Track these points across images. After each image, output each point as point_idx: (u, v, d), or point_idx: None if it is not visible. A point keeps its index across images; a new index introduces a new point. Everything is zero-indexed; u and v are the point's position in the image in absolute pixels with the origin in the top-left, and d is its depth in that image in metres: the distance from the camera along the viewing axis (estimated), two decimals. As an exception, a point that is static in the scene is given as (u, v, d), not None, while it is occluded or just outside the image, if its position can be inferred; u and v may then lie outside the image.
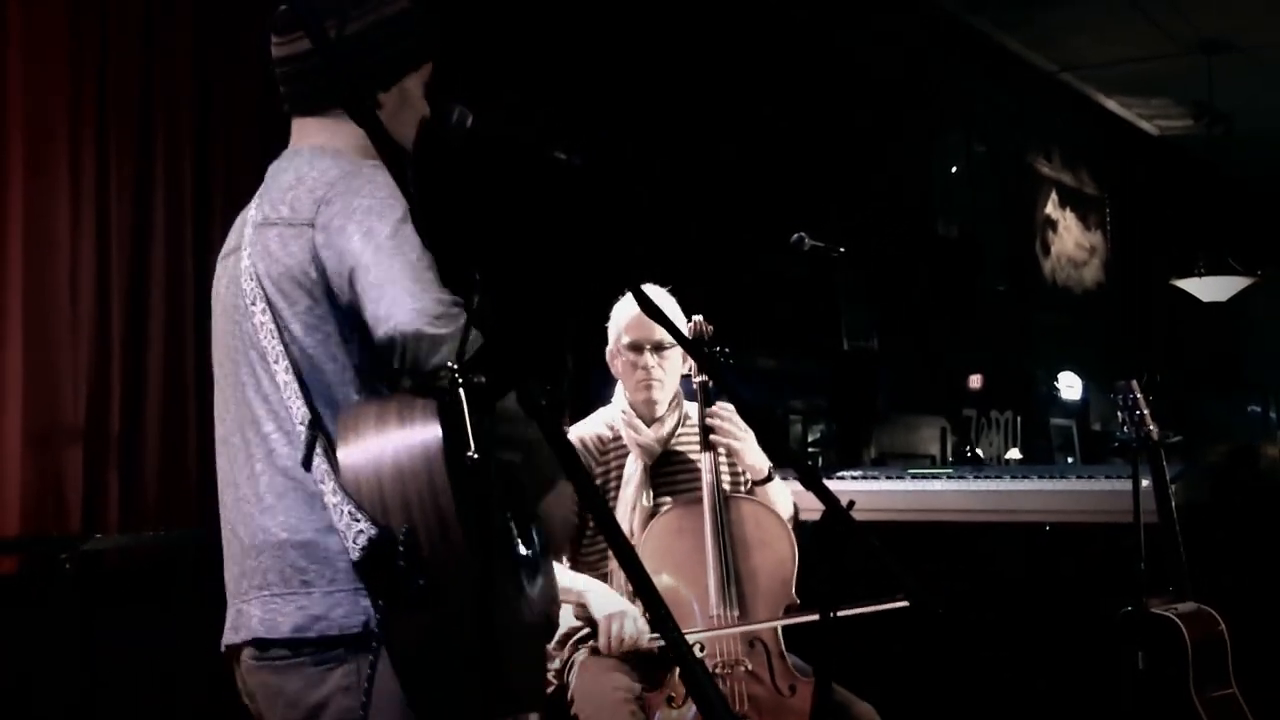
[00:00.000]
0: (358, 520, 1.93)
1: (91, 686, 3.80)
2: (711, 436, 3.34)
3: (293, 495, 2.05)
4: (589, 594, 3.25)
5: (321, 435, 2.03)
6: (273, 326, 2.08)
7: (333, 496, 1.97)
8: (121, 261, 4.09)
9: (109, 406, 4.03)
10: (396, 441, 1.94)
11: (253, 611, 2.08)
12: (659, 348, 3.38)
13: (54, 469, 3.87)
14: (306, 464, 2.02)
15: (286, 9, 2.22)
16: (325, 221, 2.04)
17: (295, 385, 2.06)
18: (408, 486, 1.91)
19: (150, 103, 4.20)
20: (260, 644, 2.07)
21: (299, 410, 2.05)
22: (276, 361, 2.07)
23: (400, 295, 1.95)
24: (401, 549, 1.88)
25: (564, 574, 3.28)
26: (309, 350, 2.08)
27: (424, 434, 1.92)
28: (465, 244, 1.81)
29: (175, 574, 3.89)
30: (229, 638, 2.13)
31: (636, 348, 3.39)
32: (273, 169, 2.22)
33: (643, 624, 3.17)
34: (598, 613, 3.20)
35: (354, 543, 1.92)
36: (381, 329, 1.96)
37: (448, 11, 2.40)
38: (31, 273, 3.83)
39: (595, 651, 3.28)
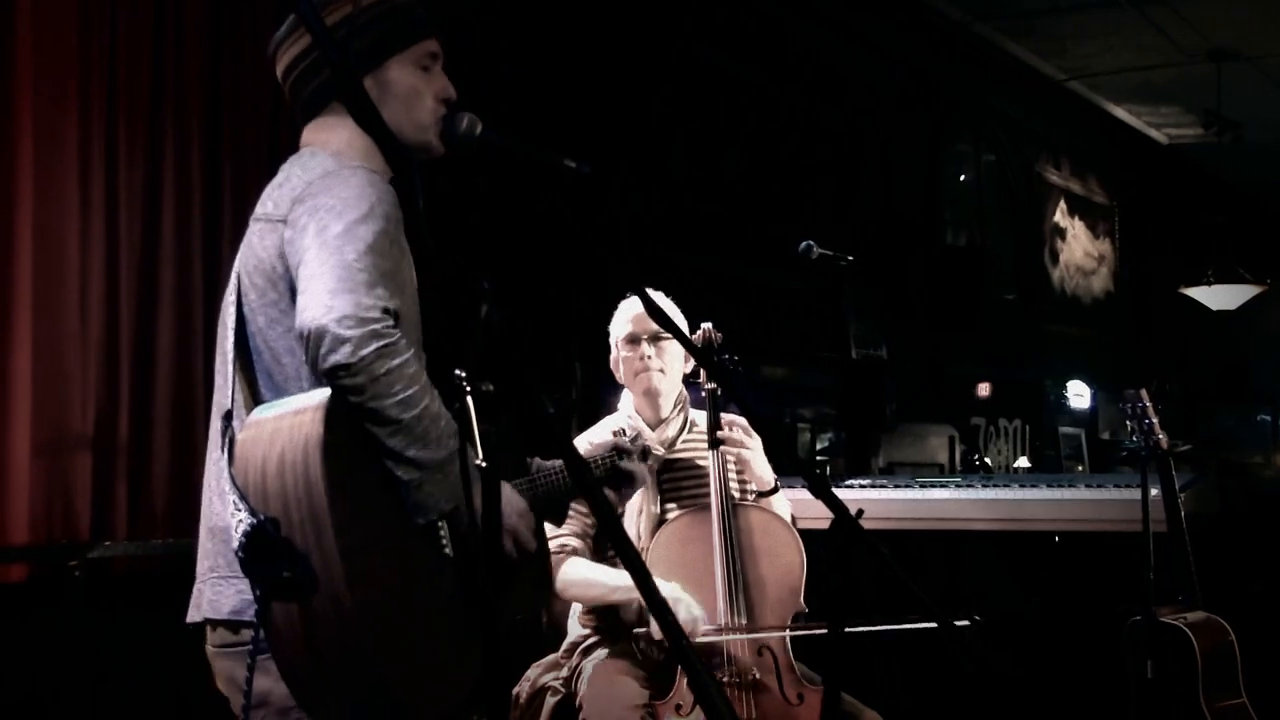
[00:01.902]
0: (239, 510, 1.97)
1: (100, 693, 3.80)
2: (721, 449, 3.35)
3: None
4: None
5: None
6: (236, 316, 2.16)
7: (227, 483, 2.03)
8: (130, 270, 4.09)
9: (117, 414, 4.03)
10: (285, 435, 1.98)
11: (205, 591, 2.17)
12: (655, 338, 3.39)
13: (62, 476, 3.87)
14: (223, 451, 2.10)
15: (280, 32, 2.28)
16: (294, 218, 2.10)
17: (236, 374, 2.14)
18: (286, 479, 1.96)
19: (160, 111, 4.19)
20: (211, 625, 2.15)
21: (229, 400, 2.12)
22: (234, 351, 2.15)
23: (319, 292, 1.99)
24: (268, 538, 1.93)
25: (610, 571, 3.28)
26: (271, 342, 2.15)
27: (310, 429, 1.96)
28: (474, 252, 1.81)
29: (183, 581, 3.88)
30: (190, 615, 2.21)
31: (634, 340, 3.41)
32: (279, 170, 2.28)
33: (699, 609, 3.18)
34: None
35: (236, 531, 1.97)
36: (296, 322, 2.01)
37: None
38: (41, 280, 3.83)
39: (606, 658, 3.28)
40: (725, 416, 3.40)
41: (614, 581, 3.25)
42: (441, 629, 2.07)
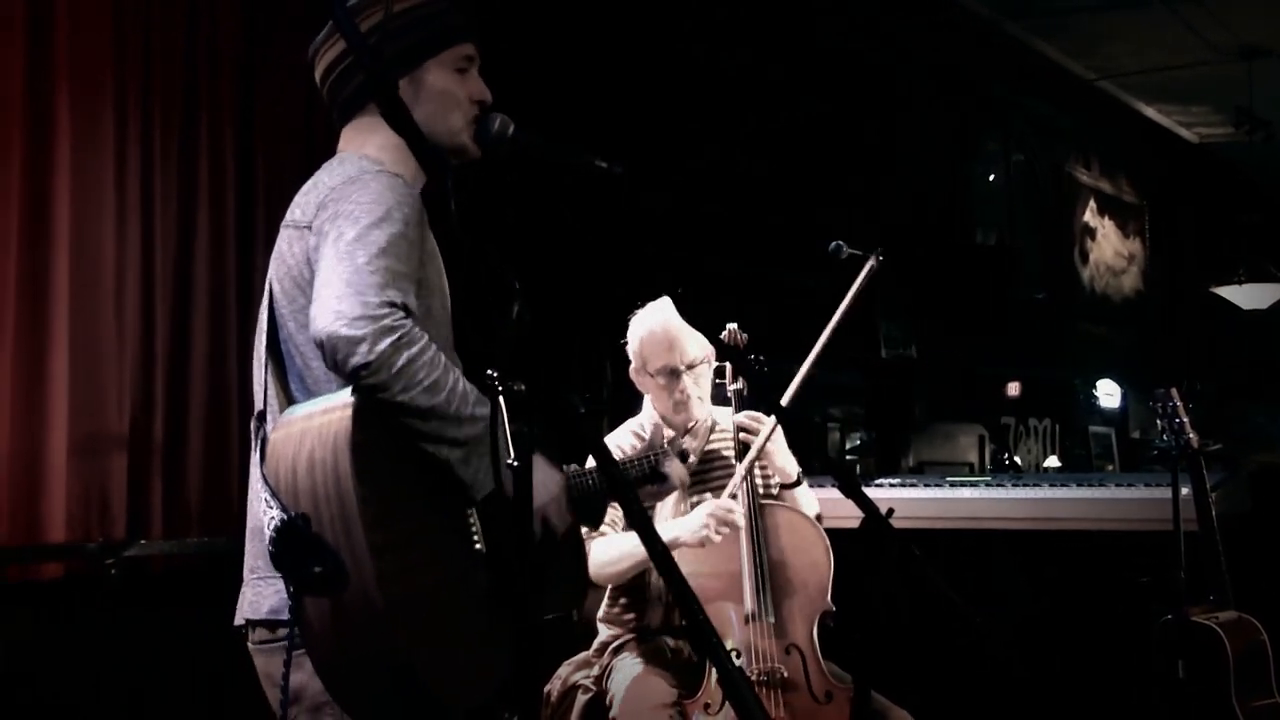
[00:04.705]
0: (271, 506, 2.00)
1: (136, 690, 3.83)
2: (742, 435, 3.36)
3: None
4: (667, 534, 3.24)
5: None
6: (269, 321, 2.19)
7: (259, 482, 2.06)
8: (165, 269, 4.13)
9: (153, 413, 4.07)
10: (315, 434, 2.01)
11: (246, 593, 2.20)
12: (691, 366, 3.40)
13: (99, 476, 3.91)
14: (255, 451, 2.12)
15: (319, 36, 2.31)
16: (319, 225, 2.13)
17: (268, 378, 2.17)
18: (316, 477, 1.98)
19: (194, 110, 4.23)
20: (251, 625, 2.18)
21: (262, 402, 2.16)
22: (267, 355, 2.19)
23: (328, 299, 2.01)
24: (298, 532, 1.95)
25: (627, 538, 3.29)
26: (302, 347, 2.18)
27: (339, 428, 1.98)
28: (505, 252, 1.83)
29: (219, 579, 3.91)
30: (236, 619, 2.24)
31: (673, 373, 3.41)
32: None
33: (719, 499, 3.22)
34: (684, 531, 3.19)
35: (268, 528, 1.99)
36: (310, 330, 2.03)
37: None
38: (77, 281, 3.87)
39: (636, 656, 3.30)
40: (745, 414, 3.42)
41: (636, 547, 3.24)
42: (473, 624, 2.08)
